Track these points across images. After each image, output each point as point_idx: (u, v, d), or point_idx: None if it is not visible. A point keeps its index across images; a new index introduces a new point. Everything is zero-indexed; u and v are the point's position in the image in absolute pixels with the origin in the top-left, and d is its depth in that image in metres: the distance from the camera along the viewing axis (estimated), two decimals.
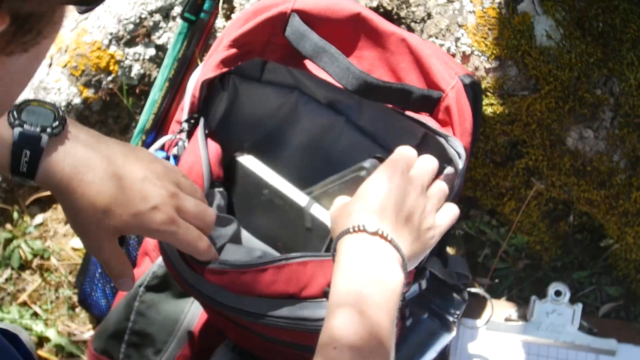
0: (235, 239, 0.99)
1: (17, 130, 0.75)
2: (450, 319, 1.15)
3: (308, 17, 1.01)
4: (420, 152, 1.08)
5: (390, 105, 1.05)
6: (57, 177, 0.76)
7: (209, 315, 1.06)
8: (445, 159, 0.99)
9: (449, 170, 0.99)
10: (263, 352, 1.04)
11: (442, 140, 1.00)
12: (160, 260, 1.12)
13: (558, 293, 1.23)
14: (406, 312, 1.15)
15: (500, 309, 1.26)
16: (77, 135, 0.78)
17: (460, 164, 0.98)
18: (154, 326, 1.12)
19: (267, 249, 1.04)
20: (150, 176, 0.81)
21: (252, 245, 1.03)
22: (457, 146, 0.98)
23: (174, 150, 1.08)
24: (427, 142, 1.06)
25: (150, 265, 1.14)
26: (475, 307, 1.26)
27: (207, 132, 1.03)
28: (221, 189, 1.02)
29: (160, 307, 1.12)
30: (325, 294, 0.91)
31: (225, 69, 1.01)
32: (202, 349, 1.10)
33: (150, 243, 1.15)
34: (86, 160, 0.77)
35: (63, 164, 0.76)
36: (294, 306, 0.90)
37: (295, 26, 1.00)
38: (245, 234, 1.05)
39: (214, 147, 1.03)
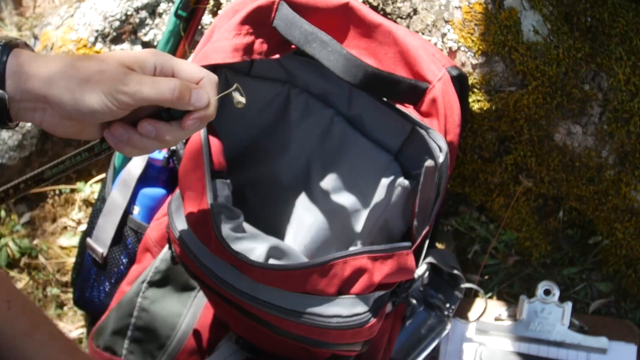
0: (239, 230, 0.98)
1: None
2: (446, 312, 1.15)
3: (296, 7, 1.00)
4: (408, 145, 1.07)
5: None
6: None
7: (214, 305, 1.06)
8: (426, 152, 0.98)
9: (429, 163, 0.98)
10: (267, 344, 1.04)
11: (423, 132, 0.99)
12: (162, 255, 1.12)
13: (547, 292, 1.22)
14: (407, 312, 1.14)
15: (490, 308, 1.25)
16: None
17: (441, 158, 0.97)
18: (157, 321, 1.11)
19: (276, 241, 1.04)
20: None
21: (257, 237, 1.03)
22: (438, 139, 0.98)
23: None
24: (415, 135, 1.06)
25: (152, 260, 1.14)
26: (464, 307, 1.26)
27: None
28: (227, 181, 1.01)
29: (163, 302, 1.12)
30: (339, 292, 0.92)
31: (246, 57, 0.99)
32: (205, 342, 1.10)
33: (151, 238, 1.14)
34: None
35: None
36: (308, 301, 0.92)
37: (284, 14, 0.99)
38: (248, 227, 1.04)
39: (214, 139, 1.02)
